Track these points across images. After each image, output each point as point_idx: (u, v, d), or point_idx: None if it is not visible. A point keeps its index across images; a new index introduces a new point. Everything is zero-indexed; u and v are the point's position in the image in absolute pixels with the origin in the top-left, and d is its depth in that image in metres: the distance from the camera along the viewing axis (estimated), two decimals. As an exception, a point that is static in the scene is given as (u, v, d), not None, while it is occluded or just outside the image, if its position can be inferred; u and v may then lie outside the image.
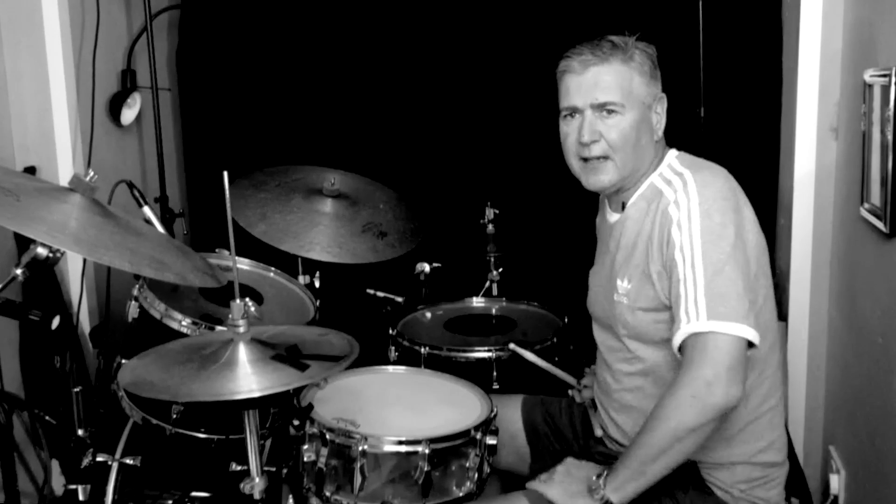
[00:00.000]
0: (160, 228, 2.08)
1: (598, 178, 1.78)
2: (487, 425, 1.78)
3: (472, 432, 1.74)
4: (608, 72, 1.73)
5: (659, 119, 1.80)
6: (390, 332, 2.34)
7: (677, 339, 1.59)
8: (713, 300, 1.56)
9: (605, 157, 1.76)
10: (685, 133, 2.00)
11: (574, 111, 1.77)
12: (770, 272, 1.75)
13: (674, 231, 1.65)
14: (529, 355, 2.18)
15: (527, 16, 3.04)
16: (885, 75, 1.84)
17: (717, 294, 1.57)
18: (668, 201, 1.69)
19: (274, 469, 1.82)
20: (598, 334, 1.93)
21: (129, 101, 2.92)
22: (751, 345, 1.57)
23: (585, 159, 1.78)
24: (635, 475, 1.60)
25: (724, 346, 1.54)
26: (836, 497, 2.29)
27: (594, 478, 1.65)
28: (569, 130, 1.79)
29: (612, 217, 1.86)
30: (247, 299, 1.55)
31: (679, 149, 1.83)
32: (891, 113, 1.81)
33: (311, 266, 2.39)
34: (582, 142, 1.75)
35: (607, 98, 1.73)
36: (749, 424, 1.72)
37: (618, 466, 1.63)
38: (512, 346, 2.19)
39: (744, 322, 1.55)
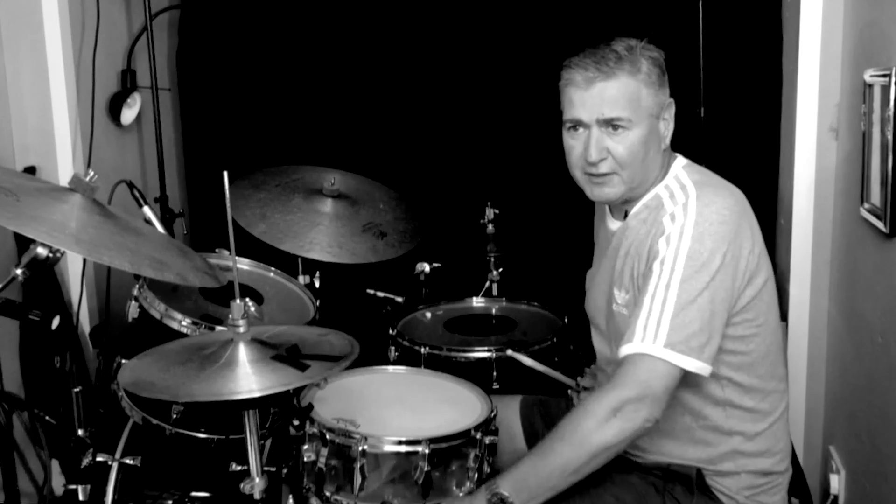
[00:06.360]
0: (160, 228, 2.08)
1: (603, 191, 1.73)
2: (487, 425, 1.77)
3: (472, 432, 1.74)
4: (615, 87, 1.65)
5: (667, 125, 1.74)
6: (390, 332, 2.34)
7: (625, 350, 1.59)
8: (675, 330, 1.55)
9: (612, 173, 1.70)
10: (685, 133, 1.99)
11: (579, 124, 1.70)
12: (774, 285, 1.72)
13: (661, 242, 1.62)
14: (527, 360, 2.17)
15: (527, 16, 3.04)
16: (885, 75, 1.84)
17: (681, 324, 1.56)
18: (666, 212, 1.66)
19: (274, 469, 1.82)
20: (598, 343, 1.90)
21: (129, 101, 2.92)
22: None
23: (591, 173, 1.72)
24: (543, 491, 1.59)
25: (663, 372, 1.56)
26: (836, 497, 2.29)
27: (484, 489, 1.62)
28: (574, 143, 1.72)
29: (613, 224, 1.83)
30: (247, 299, 1.55)
31: (679, 149, 1.81)
32: (891, 113, 1.81)
33: (311, 266, 2.39)
34: (589, 160, 1.69)
35: (614, 113, 1.66)
36: (758, 436, 1.73)
37: (522, 476, 1.60)
38: (509, 352, 2.18)
39: (693, 356, 1.56)
